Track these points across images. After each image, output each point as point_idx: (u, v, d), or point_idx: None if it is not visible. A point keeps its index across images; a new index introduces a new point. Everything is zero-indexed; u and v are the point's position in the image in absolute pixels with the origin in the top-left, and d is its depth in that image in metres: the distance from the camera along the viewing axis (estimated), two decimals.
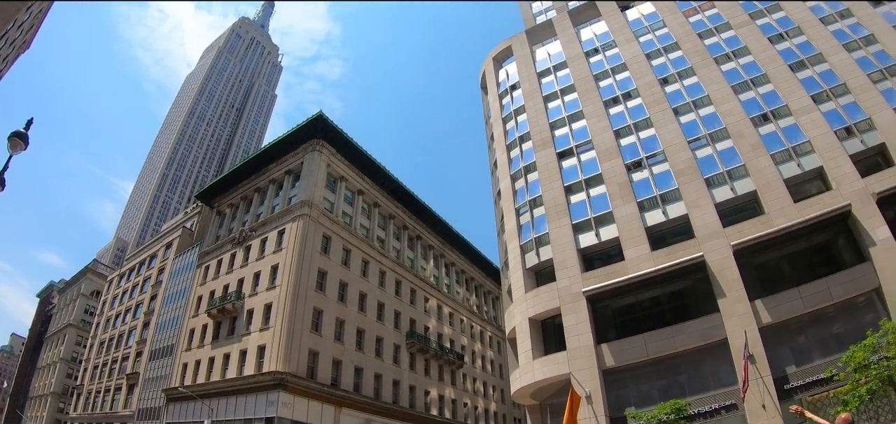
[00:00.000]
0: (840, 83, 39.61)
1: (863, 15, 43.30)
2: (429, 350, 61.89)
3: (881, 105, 37.71)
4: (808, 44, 42.67)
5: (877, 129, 36.90)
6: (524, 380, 36.84)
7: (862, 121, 37.58)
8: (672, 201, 37.75)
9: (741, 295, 33.03)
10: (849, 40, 42.02)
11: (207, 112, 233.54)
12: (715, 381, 33.02)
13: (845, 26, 43.19)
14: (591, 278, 36.53)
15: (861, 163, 35.96)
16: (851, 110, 38.32)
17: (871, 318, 30.22)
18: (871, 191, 34.01)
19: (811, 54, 41.85)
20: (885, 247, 32.40)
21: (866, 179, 34.74)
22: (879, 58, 40.53)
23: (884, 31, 41.70)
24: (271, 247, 52.66)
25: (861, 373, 25.61)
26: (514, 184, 43.49)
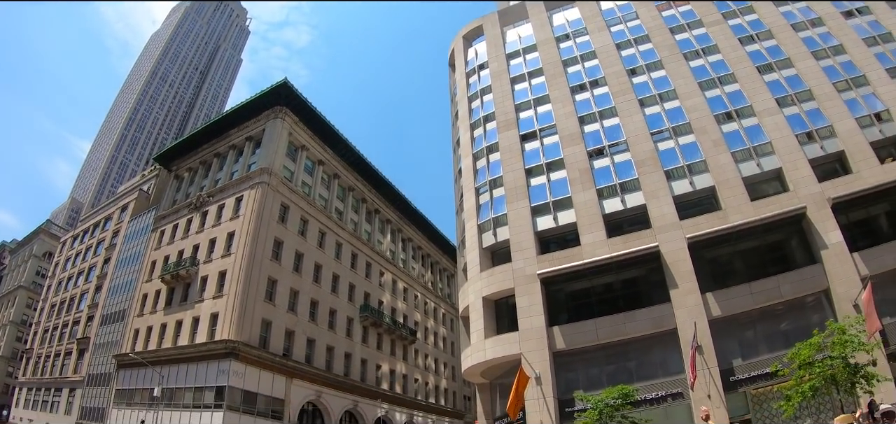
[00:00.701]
0: (805, 89, 40.53)
1: (834, 25, 44.31)
2: (382, 324, 62.09)
3: (844, 114, 38.71)
4: (777, 48, 43.51)
5: (837, 137, 37.89)
6: (475, 359, 37.02)
7: (823, 128, 38.53)
8: (631, 190, 38.13)
9: (693, 286, 33.62)
10: (818, 48, 42.98)
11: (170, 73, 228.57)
12: (663, 369, 33.71)
13: (816, 34, 44.14)
14: (547, 261, 36.74)
15: (819, 168, 36.89)
16: (814, 116, 39.22)
17: (818, 318, 31.03)
18: (826, 196, 34.93)
19: (779, 58, 42.70)
20: (836, 251, 33.39)
21: (823, 184, 35.68)
22: (846, 68, 41.55)
23: (853, 43, 42.76)
24: (228, 214, 51.98)
25: (805, 370, 26.09)
26: (475, 164, 43.56)
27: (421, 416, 66.09)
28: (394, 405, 60.84)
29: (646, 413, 30.96)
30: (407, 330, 67.04)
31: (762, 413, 32.17)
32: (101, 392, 56.25)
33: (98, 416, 54.51)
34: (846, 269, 33.01)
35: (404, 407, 63.13)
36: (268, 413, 44.99)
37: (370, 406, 55.89)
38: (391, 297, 67.58)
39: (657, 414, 32.47)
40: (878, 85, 40.06)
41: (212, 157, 59.90)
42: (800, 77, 41.27)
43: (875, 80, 40.31)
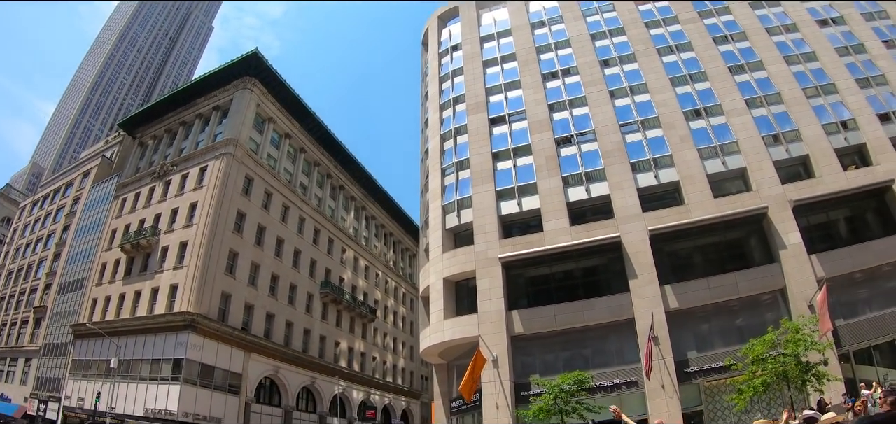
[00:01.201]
0: (775, 92, 41.28)
1: (808, 32, 45.18)
2: (342, 301, 61.98)
3: (811, 119, 39.53)
4: (750, 50, 44.21)
5: (803, 141, 38.72)
6: (434, 339, 37.22)
7: (790, 131, 39.30)
8: (596, 180, 38.47)
9: (652, 278, 34.16)
10: (790, 53, 43.78)
11: (140, 37, 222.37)
12: (618, 358, 34.32)
13: (790, 40, 44.96)
14: (509, 245, 36.99)
15: (783, 170, 37.67)
16: (782, 119, 39.97)
17: (773, 316, 31.71)
18: (788, 198, 35.71)
19: (752, 60, 43.41)
20: (794, 252, 34.21)
21: (786, 186, 36.49)
22: (817, 75, 42.42)
23: (825, 51, 43.65)
24: (192, 184, 51.29)
25: (758, 366, 26.78)
26: (442, 145, 43.60)
27: (378, 394, 66.21)
28: (351, 382, 60.78)
29: (600, 400, 31.21)
30: (367, 308, 67.12)
31: (714, 406, 32.88)
32: (57, 362, 55.23)
33: (54, 387, 53.66)
34: (803, 270, 33.85)
35: (361, 385, 63.22)
36: (225, 387, 44.66)
37: (328, 382, 55.69)
38: (352, 275, 67.40)
39: (611, 402, 32.55)
40: (847, 94, 40.99)
41: (177, 126, 59.09)
42: (770, 80, 42.00)
43: (844, 89, 41.23)
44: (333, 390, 54.85)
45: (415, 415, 73.76)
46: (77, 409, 46.39)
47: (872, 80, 41.98)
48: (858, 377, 31.42)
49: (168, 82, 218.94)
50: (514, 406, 32.93)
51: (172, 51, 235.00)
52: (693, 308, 34.41)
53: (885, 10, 47.04)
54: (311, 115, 62.20)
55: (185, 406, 40.76)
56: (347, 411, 58.24)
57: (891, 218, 36.74)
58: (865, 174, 37.52)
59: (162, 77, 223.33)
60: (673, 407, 31.64)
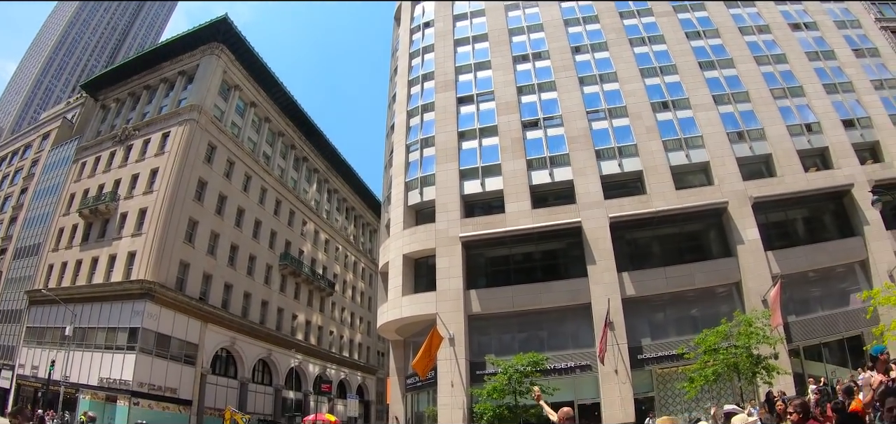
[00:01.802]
0: (743, 90, 42.04)
1: (780, 34, 46.06)
2: (301, 273, 61.92)
3: (776, 119, 40.41)
4: (721, 47, 44.88)
5: (767, 140, 39.58)
6: (391, 315, 37.32)
7: (755, 130, 40.14)
8: (561, 165, 38.81)
9: (610, 265, 34.71)
10: (761, 54, 44.56)
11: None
12: (574, 341, 34.87)
13: (761, 40, 45.76)
14: (470, 225, 37.14)
15: (745, 167, 38.52)
16: (747, 117, 40.78)
17: (727, 309, 32.39)
18: (749, 195, 36.51)
19: (722, 57, 44.08)
20: (751, 247, 35.09)
21: (747, 182, 37.34)
22: (785, 77, 43.30)
23: (795, 55, 44.58)
24: (153, 150, 50.52)
25: (710, 356, 27.50)
26: (409, 121, 43.51)
27: (334, 369, 66.39)
28: (308, 356, 60.94)
29: (554, 382, 31.94)
30: (325, 282, 67.12)
31: (665, 392, 33.71)
32: (11, 329, 54.56)
33: (7, 354, 52.85)
34: (759, 266, 34.72)
35: (318, 359, 63.34)
36: (181, 357, 44.39)
37: (284, 355, 55.71)
38: (312, 247, 67.30)
39: (565, 384, 33.61)
40: (814, 97, 41.95)
41: (141, 89, 58.10)
42: (739, 78, 42.76)
43: (811, 93, 42.18)
44: (290, 363, 54.88)
45: (370, 390, 74.10)
46: (31, 378, 45.89)
47: (839, 86, 43.01)
48: (807, 372, 32.32)
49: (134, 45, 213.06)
50: (468, 384, 33.24)
51: (139, 13, 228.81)
52: (649, 296, 35.21)
53: (858, 20, 48.25)
54: (277, 85, 61.83)
55: (141, 376, 40.41)
56: (303, 384, 58.37)
57: (847, 222, 37.85)
58: (826, 177, 38.56)
59: (128, 39, 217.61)
60: (625, 392, 32.35)
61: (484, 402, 30.19)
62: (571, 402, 33.96)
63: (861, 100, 42.47)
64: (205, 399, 45.86)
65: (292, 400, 56.89)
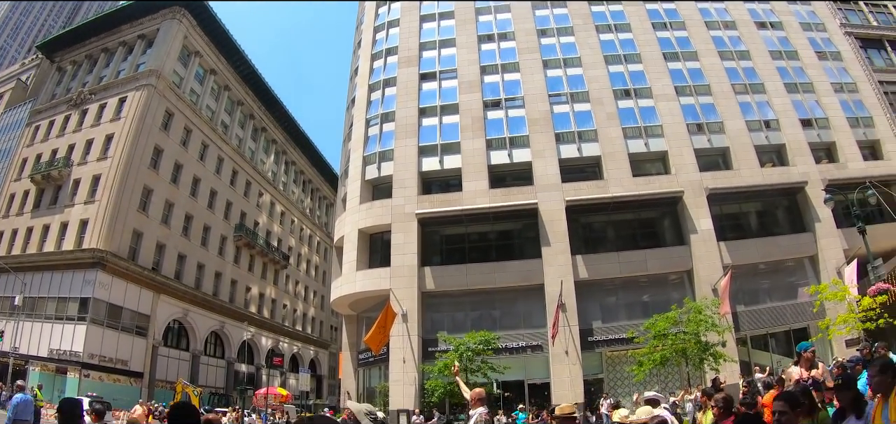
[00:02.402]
0: (705, 84, 42.71)
1: (745, 31, 46.92)
2: (256, 245, 61.56)
3: (735, 114, 41.24)
4: (687, 40, 45.48)
5: (725, 134, 40.41)
6: (345, 290, 37.28)
7: (714, 123, 40.90)
8: (520, 146, 39.11)
9: (565, 247, 35.14)
10: (725, 49, 45.29)
11: None
12: (526, 321, 35.45)
13: (726, 36, 46.55)
14: (427, 202, 37.27)
15: (703, 158, 39.27)
16: (708, 110, 41.54)
17: (678, 295, 33.10)
18: (705, 186, 37.26)
19: (686, 50, 44.70)
20: (704, 237, 35.90)
21: (703, 174, 38.10)
22: (748, 73, 44.17)
23: (759, 52, 45.46)
24: (109, 115, 49.53)
25: (659, 341, 28.20)
26: (370, 95, 43.29)
27: (287, 342, 66.33)
28: (261, 329, 60.60)
29: (505, 361, 32.38)
30: (280, 255, 66.95)
31: (614, 374, 34.55)
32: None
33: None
34: (711, 255, 35.55)
35: (271, 332, 63.13)
36: (132, 328, 43.95)
37: (236, 328, 55.16)
38: (268, 219, 66.91)
39: (516, 363, 34.21)
40: (774, 96, 42.90)
41: (99, 52, 56.88)
42: (702, 71, 43.46)
43: (772, 91, 43.13)
44: (242, 336, 54.47)
45: (323, 365, 74.20)
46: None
47: (800, 86, 44.06)
48: (753, 361, 33.38)
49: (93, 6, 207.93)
50: (420, 361, 33.49)
51: None
52: (602, 280, 35.86)
53: (824, 23, 49.42)
54: (239, 53, 61.16)
55: (92, 348, 39.98)
56: (256, 358, 58.21)
57: (799, 218, 38.96)
58: (781, 173, 39.66)
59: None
60: (575, 373, 33.01)
61: (435, 379, 30.56)
62: (522, 381, 34.83)
63: (820, 102, 43.59)
64: (156, 372, 45.53)
65: (245, 374, 56.58)
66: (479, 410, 9.06)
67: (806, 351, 12.51)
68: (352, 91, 45.48)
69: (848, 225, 34.57)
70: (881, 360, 6.35)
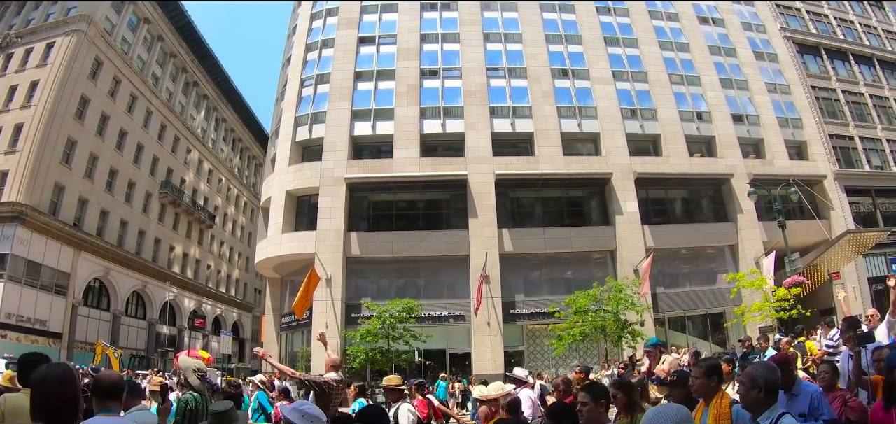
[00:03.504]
0: (642, 71, 43.93)
1: (687, 24, 48.31)
2: (181, 203, 60.12)
3: (669, 103, 42.61)
4: (629, 26, 46.58)
5: (658, 121, 41.78)
6: (270, 252, 37.12)
7: (648, 109, 42.18)
8: (454, 117, 39.54)
9: (492, 220, 35.81)
10: (665, 39, 46.61)
11: None
12: (450, 291, 36.03)
13: (668, 27, 47.83)
14: (357, 167, 37.37)
15: (634, 142, 40.62)
16: (642, 97, 42.76)
17: (601, 274, 34.00)
18: (633, 170, 38.53)
19: (628, 36, 45.82)
20: (629, 219, 37.20)
21: (633, 158, 39.42)
22: (685, 65, 45.58)
23: (699, 46, 46.95)
24: (35, 60, 47.17)
25: (580, 317, 29.13)
26: (306, 55, 43.02)
27: (210, 304, 65.14)
28: (184, 290, 59.42)
29: (427, 330, 33.03)
30: (206, 214, 65.47)
31: (535, 348, 35.53)
32: None
33: None
34: (635, 237, 36.85)
35: (194, 293, 61.83)
36: (52, 287, 42.22)
37: (159, 288, 54.05)
38: (195, 177, 65.21)
39: (438, 332, 35.03)
40: (709, 89, 44.43)
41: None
42: (641, 58, 44.65)
43: (707, 84, 44.65)
44: (165, 296, 53.35)
45: (246, 328, 72.94)
46: None
47: (735, 83, 45.78)
48: (670, 342, 34.80)
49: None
50: (343, 327, 33.68)
51: None
52: (527, 254, 36.82)
53: (764, 25, 51.39)
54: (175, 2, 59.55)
55: (8, 307, 37.96)
56: (178, 319, 56.98)
57: (723, 208, 40.75)
58: (709, 164, 41.32)
59: None
60: (496, 344, 33.83)
61: (357, 345, 30.75)
62: (444, 350, 35.45)
63: (753, 99, 45.40)
64: (76, 333, 43.97)
65: (166, 336, 55.38)
66: (331, 375, 9.30)
67: (648, 349, 12.73)
68: (288, 50, 45.09)
69: (769, 218, 36.28)
70: (708, 361, 6.55)
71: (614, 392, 6.02)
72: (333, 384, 8.81)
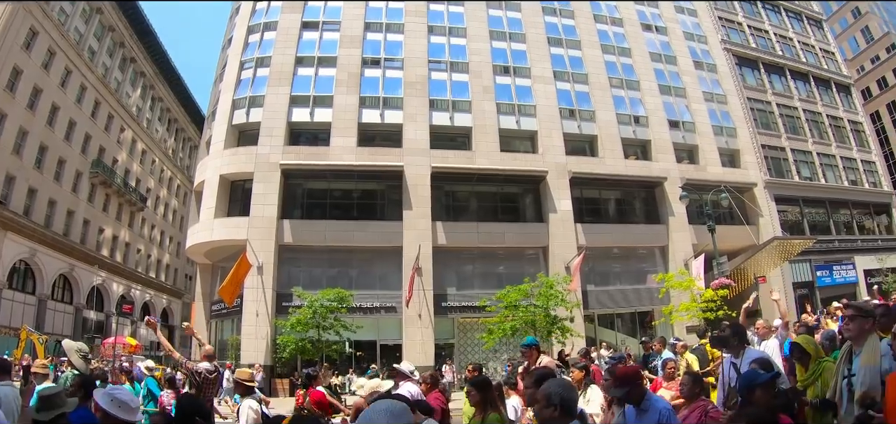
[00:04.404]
0: (583, 73, 44.94)
1: (631, 30, 49.64)
2: (112, 184, 58.23)
3: (607, 106, 43.81)
4: (573, 28, 47.62)
5: (596, 123, 42.89)
6: (201, 237, 36.59)
7: (586, 111, 43.22)
8: (393, 108, 39.67)
9: (426, 212, 36.14)
10: (608, 43, 47.75)
11: None
12: (382, 282, 36.13)
13: (612, 31, 49.05)
14: (293, 153, 37.06)
15: (571, 142, 41.55)
16: (582, 98, 43.76)
17: (533, 270, 34.69)
18: (569, 169, 39.46)
19: (571, 38, 46.82)
20: (562, 217, 38.10)
21: (569, 157, 40.33)
22: (626, 70, 46.83)
23: (640, 53, 48.29)
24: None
25: (510, 311, 29.62)
26: (248, 36, 42.56)
27: (139, 289, 63.44)
28: (112, 274, 57.69)
29: (359, 320, 33.09)
30: (137, 196, 63.62)
31: (465, 341, 36.04)
32: None
33: None
34: (567, 235, 37.74)
35: (123, 278, 60.11)
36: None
37: (87, 272, 52.28)
38: (128, 157, 63.20)
39: (369, 323, 35.04)
40: (647, 95, 45.79)
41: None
42: (583, 60, 45.63)
43: (646, 90, 46.00)
44: (93, 280, 51.75)
45: (175, 314, 71.51)
46: None
47: (673, 90, 47.27)
48: (599, 338, 36.02)
49: None
50: (274, 315, 33.44)
51: None
52: (460, 248, 37.30)
53: (706, 36, 53.21)
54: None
55: None
56: (106, 304, 55.45)
57: (655, 210, 42.07)
58: (643, 167, 42.59)
59: None
60: (426, 336, 34.15)
61: (287, 334, 30.58)
62: (375, 341, 35.60)
63: (690, 107, 46.99)
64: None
65: (93, 321, 53.88)
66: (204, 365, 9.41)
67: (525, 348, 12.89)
68: (230, 30, 44.38)
69: (699, 222, 37.50)
70: (539, 371, 6.64)
71: (469, 389, 6.41)
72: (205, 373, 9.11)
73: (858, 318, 5.80)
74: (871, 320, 5.86)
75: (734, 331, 7.71)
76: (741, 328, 8.10)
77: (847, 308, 7.77)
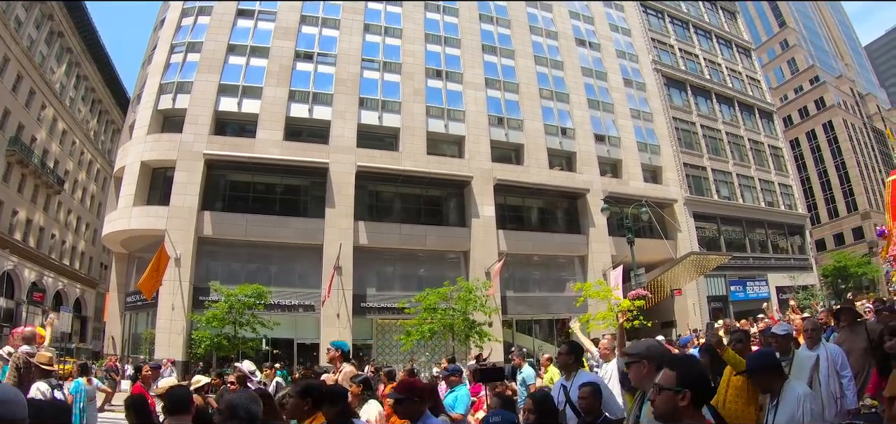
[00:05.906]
0: (515, 82, 45.94)
1: (564, 44, 50.85)
2: (29, 164, 54.76)
3: (535, 115, 44.86)
4: (508, 37, 48.50)
5: (523, 131, 43.87)
6: (119, 225, 35.39)
7: (514, 119, 44.21)
8: (322, 103, 39.52)
9: (349, 211, 36.18)
10: (542, 55, 48.80)
11: None
12: (302, 280, 35.95)
13: (546, 43, 50.13)
14: (217, 143, 36.46)
15: (497, 150, 42.50)
16: (511, 106, 44.72)
17: (453, 274, 35.33)
18: (493, 175, 40.33)
19: (506, 47, 47.73)
20: (485, 223, 38.91)
21: (495, 164, 41.29)
22: (557, 82, 48.05)
23: (572, 66, 49.63)
24: None
25: (429, 314, 30.08)
26: (181, 19, 41.47)
27: (52, 277, 60.26)
28: (24, 259, 54.48)
29: (276, 317, 32.90)
30: (55, 178, 60.00)
31: (383, 342, 36.32)
32: None
33: None
34: (489, 240, 38.56)
35: (35, 264, 56.88)
36: None
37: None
38: (47, 137, 59.66)
39: (287, 321, 34.94)
40: (576, 108, 47.09)
41: None
42: (515, 70, 46.57)
43: (575, 103, 47.28)
44: (4, 265, 49.40)
45: (89, 305, 68.76)
46: None
47: (602, 105, 48.80)
48: (517, 343, 36.79)
49: None
50: (190, 309, 32.70)
51: None
52: (382, 248, 37.55)
53: (638, 56, 55.09)
54: None
55: None
56: (16, 292, 52.89)
57: (576, 220, 43.45)
58: (567, 177, 43.78)
59: None
60: (344, 336, 33.53)
61: (203, 329, 30.00)
62: (292, 340, 35.47)
63: (617, 122, 48.62)
64: None
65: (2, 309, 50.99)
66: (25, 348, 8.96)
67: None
68: (163, 11, 42.88)
69: (619, 234, 38.64)
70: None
71: None
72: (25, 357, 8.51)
73: (635, 365, 4.89)
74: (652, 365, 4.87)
75: (570, 349, 7.40)
76: (578, 347, 7.84)
77: (626, 355, 5.71)
